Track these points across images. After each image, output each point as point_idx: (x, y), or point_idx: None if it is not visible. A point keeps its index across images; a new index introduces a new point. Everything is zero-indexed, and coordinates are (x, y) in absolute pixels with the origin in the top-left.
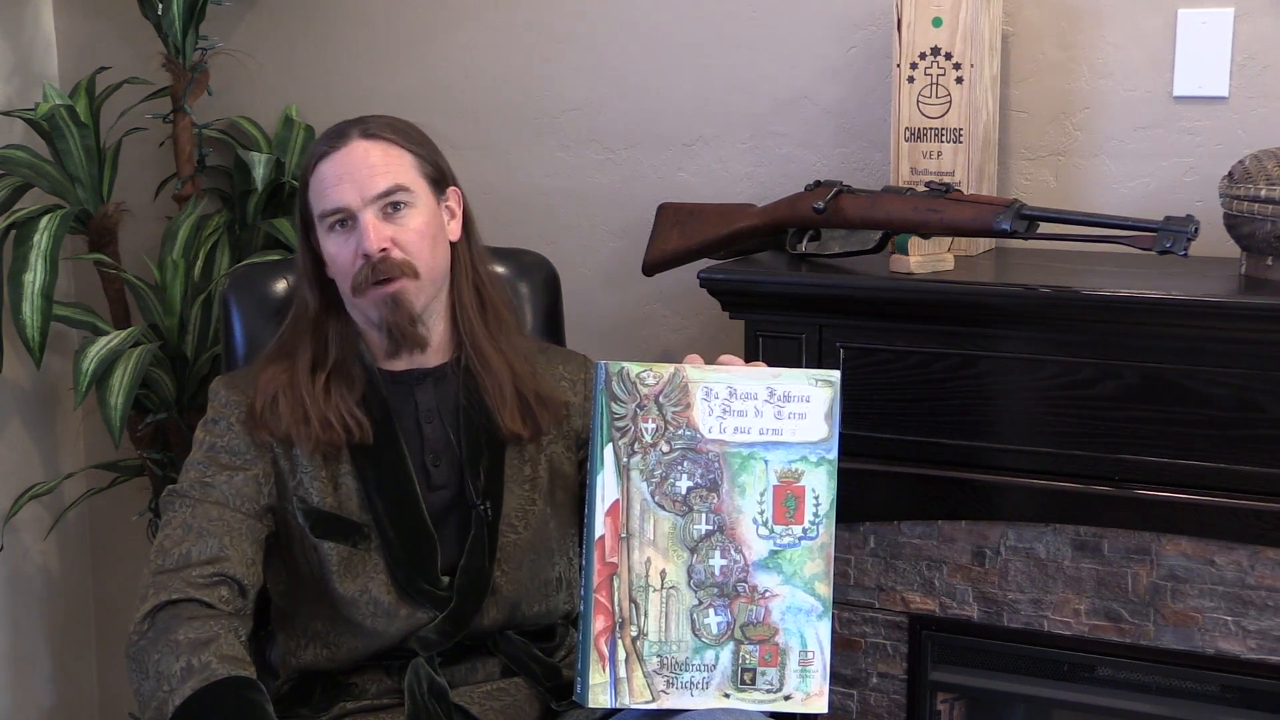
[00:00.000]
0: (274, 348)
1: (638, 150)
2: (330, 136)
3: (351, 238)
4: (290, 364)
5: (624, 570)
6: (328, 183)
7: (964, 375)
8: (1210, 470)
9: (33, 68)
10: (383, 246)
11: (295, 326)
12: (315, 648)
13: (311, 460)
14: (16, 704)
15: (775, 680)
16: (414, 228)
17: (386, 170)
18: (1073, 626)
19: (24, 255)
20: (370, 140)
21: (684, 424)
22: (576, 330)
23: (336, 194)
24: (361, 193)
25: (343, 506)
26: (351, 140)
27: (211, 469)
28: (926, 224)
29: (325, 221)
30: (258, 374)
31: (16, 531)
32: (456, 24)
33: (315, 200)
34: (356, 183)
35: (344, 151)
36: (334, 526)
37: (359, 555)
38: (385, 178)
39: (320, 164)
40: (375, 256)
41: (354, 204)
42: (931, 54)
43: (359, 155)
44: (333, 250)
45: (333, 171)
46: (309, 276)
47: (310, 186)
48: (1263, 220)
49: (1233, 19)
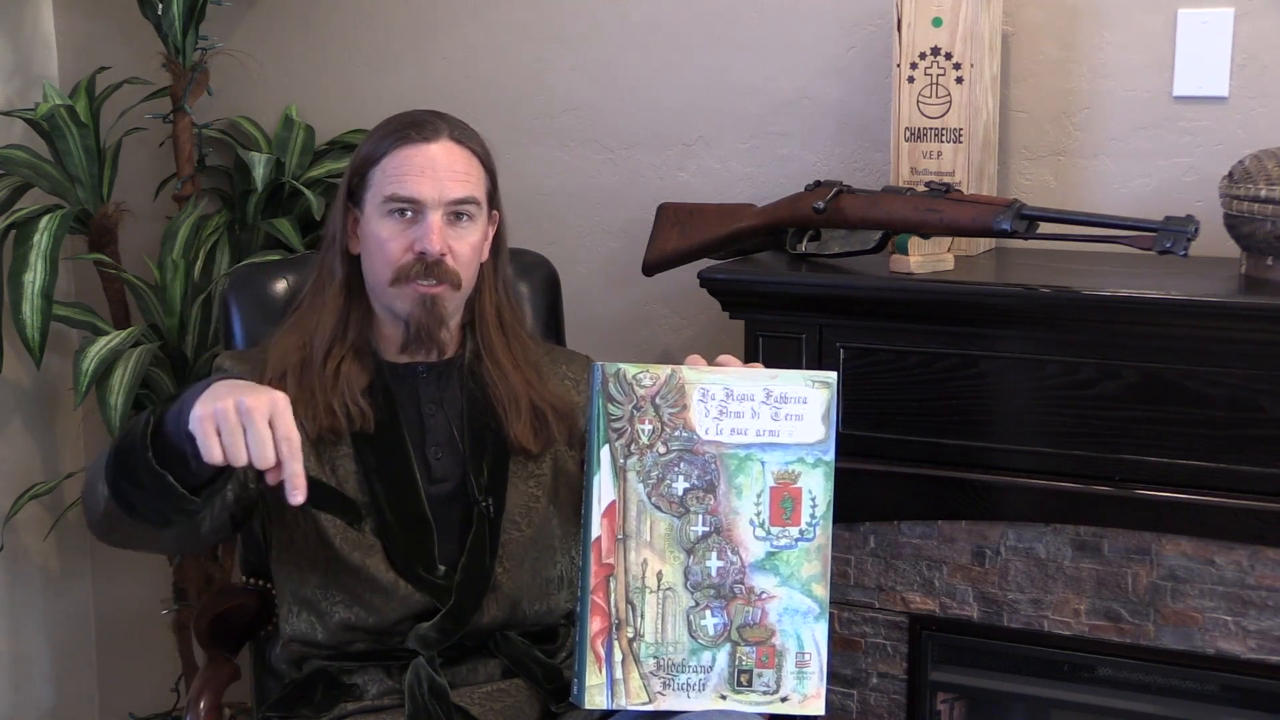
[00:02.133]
0: (295, 318)
1: (638, 150)
2: (417, 124)
3: (411, 230)
4: (304, 340)
5: (620, 571)
6: (408, 169)
7: (964, 375)
8: (1210, 470)
9: (33, 68)
10: (443, 251)
11: (316, 298)
12: (308, 614)
13: (309, 442)
14: (16, 704)
15: (772, 682)
16: (471, 242)
17: (467, 179)
18: (1073, 626)
19: (24, 255)
20: (459, 145)
21: (681, 425)
22: (576, 330)
23: (415, 184)
24: (440, 192)
25: (340, 487)
26: (442, 137)
27: None
28: (926, 224)
29: (389, 204)
30: (274, 346)
31: (16, 531)
32: (456, 24)
33: (387, 182)
34: (438, 181)
35: (434, 146)
36: (329, 496)
37: (354, 534)
38: (464, 186)
39: (405, 147)
40: (433, 257)
41: (429, 199)
42: (931, 54)
43: (445, 154)
44: (385, 235)
45: (417, 161)
46: (340, 249)
47: (383, 166)
48: (1263, 220)
49: (1233, 19)
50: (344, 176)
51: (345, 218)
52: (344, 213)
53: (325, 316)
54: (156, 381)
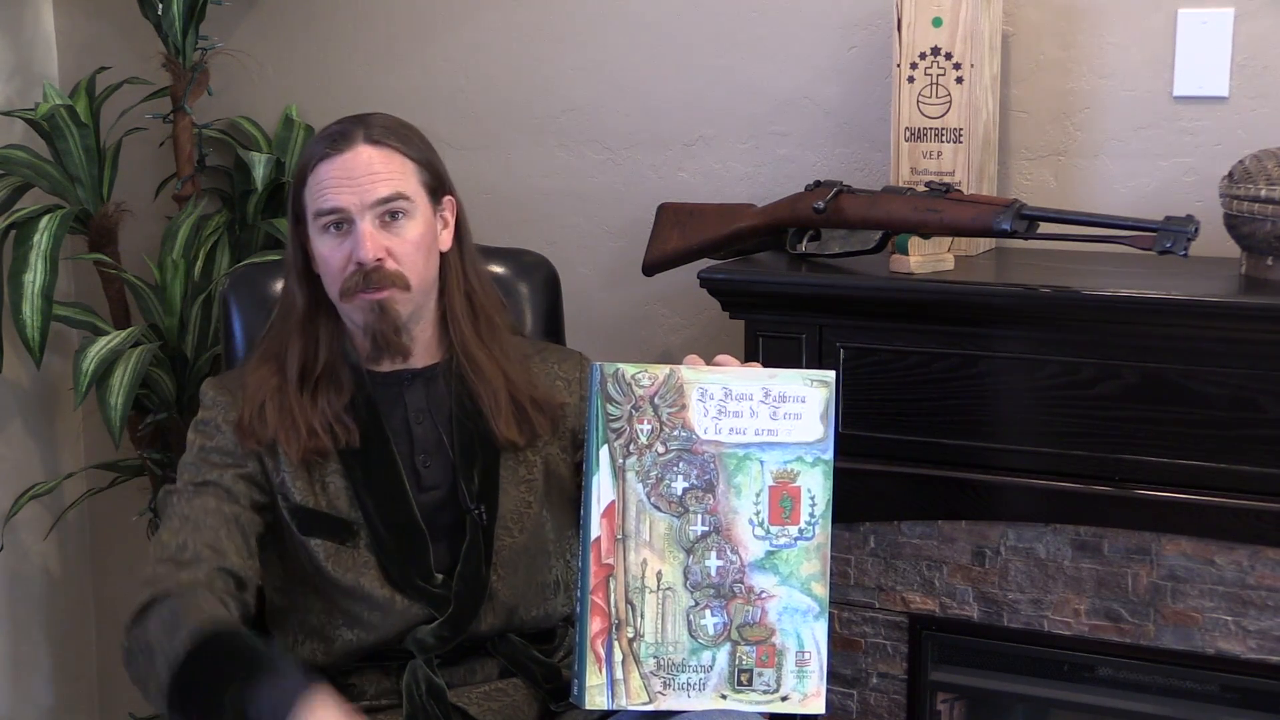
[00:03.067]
0: (262, 348)
1: (638, 150)
2: (333, 137)
3: (346, 242)
4: (279, 367)
5: (620, 571)
6: (327, 183)
7: (964, 375)
8: (1210, 470)
9: (33, 68)
10: (378, 256)
11: (284, 324)
12: (312, 642)
13: (295, 465)
14: (16, 704)
15: (772, 681)
16: (410, 239)
17: (389, 177)
18: (1073, 626)
19: (24, 255)
20: (374, 146)
21: (679, 425)
22: (576, 330)
23: (335, 195)
24: (362, 198)
25: (331, 505)
26: (356, 144)
27: (204, 468)
28: (926, 224)
29: (320, 221)
30: (246, 377)
31: (16, 531)
32: (456, 24)
33: (312, 199)
34: (357, 187)
35: (348, 155)
36: (320, 523)
37: (347, 551)
38: (387, 184)
39: (321, 164)
40: (369, 265)
41: (353, 207)
42: (931, 54)
43: (362, 160)
44: (325, 252)
45: (333, 173)
46: (298, 272)
47: (308, 184)
48: (1263, 220)
49: (1233, 19)
50: (289, 201)
51: (297, 240)
52: (295, 236)
53: (294, 340)
54: (156, 381)
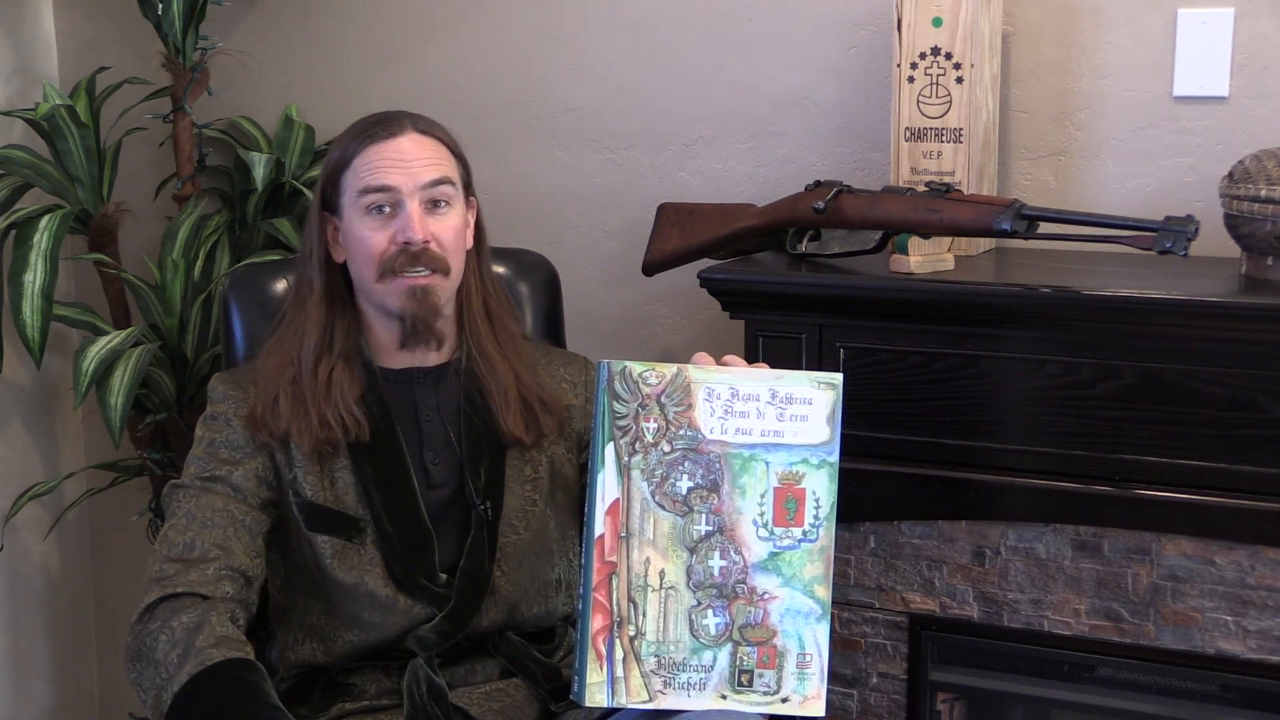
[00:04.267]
0: (275, 338)
1: (638, 150)
2: (382, 122)
3: (391, 223)
4: (293, 357)
5: (623, 569)
6: (378, 164)
7: (964, 375)
8: (1210, 470)
9: (33, 68)
10: (426, 238)
11: (298, 313)
12: (312, 642)
13: (307, 457)
14: (16, 704)
15: (773, 682)
16: (452, 225)
17: (438, 162)
18: (1073, 626)
19: (24, 255)
20: (424, 135)
21: (686, 424)
22: (576, 330)
23: (387, 175)
24: (414, 179)
25: (339, 501)
26: (405, 130)
27: (212, 464)
28: (926, 224)
29: (365, 200)
30: (261, 367)
31: (16, 531)
32: (456, 24)
33: (357, 179)
34: (409, 169)
35: (401, 139)
36: (328, 520)
37: (353, 549)
38: (436, 169)
39: (371, 146)
40: (418, 245)
41: (404, 188)
42: (931, 54)
43: (412, 145)
44: (365, 232)
45: (386, 154)
46: (319, 260)
47: (351, 167)
48: (1263, 220)
49: (1233, 19)
50: (317, 187)
51: (322, 228)
52: (320, 223)
53: (309, 329)
54: (156, 382)
